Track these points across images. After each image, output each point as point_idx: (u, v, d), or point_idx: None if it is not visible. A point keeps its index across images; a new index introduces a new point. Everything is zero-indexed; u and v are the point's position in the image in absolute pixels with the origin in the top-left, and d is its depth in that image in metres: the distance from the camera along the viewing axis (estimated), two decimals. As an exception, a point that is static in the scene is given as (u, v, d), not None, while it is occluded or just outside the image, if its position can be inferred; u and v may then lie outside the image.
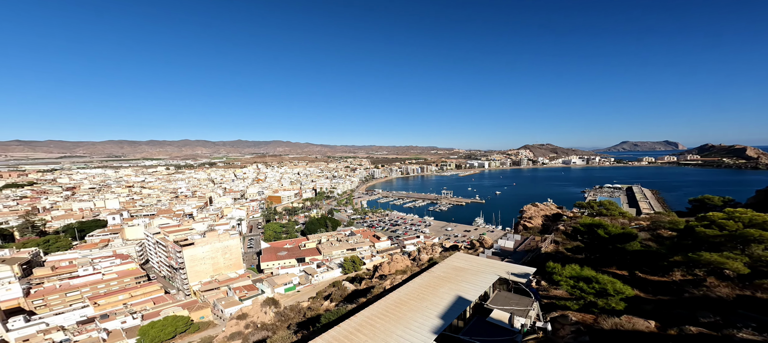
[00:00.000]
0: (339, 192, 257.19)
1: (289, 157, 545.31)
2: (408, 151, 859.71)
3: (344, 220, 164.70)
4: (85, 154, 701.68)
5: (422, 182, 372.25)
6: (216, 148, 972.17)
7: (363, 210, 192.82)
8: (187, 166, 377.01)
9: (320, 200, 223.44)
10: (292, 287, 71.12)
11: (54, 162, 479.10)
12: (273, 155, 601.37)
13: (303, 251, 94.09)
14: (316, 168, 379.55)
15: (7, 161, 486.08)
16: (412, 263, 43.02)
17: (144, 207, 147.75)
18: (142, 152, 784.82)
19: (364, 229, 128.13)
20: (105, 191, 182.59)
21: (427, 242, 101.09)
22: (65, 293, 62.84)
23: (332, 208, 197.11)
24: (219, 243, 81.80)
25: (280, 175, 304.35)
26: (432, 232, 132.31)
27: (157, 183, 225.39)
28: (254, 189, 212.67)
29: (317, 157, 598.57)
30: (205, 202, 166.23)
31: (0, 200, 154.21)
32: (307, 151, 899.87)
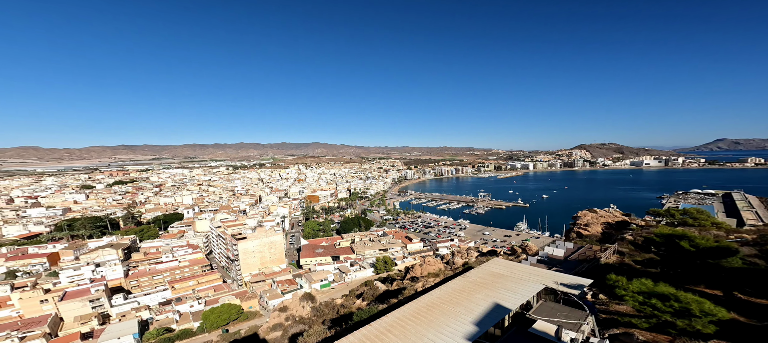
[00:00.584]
0: (372, 193, 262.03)
1: (326, 158, 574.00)
2: (442, 152, 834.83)
3: (377, 220, 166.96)
4: (168, 156, 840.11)
5: (457, 183, 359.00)
6: (265, 150, 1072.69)
7: (395, 211, 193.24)
8: (242, 167, 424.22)
9: (354, 200, 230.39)
10: (327, 283, 73.63)
11: (148, 163, 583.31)
12: (312, 157, 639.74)
13: (338, 250, 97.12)
14: (351, 169, 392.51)
15: (115, 163, 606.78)
16: (445, 266, 41.52)
17: (210, 203, 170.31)
18: (209, 154, 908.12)
19: (396, 230, 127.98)
20: (182, 189, 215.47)
21: (462, 246, 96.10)
22: (152, 276, 72.72)
23: (365, 208, 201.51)
24: (266, 238, 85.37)
25: (318, 175, 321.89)
26: (467, 235, 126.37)
27: (219, 182, 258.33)
28: (295, 188, 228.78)
29: (351, 158, 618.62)
30: (255, 200, 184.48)
31: (110, 194, 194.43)
32: (343, 152, 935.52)
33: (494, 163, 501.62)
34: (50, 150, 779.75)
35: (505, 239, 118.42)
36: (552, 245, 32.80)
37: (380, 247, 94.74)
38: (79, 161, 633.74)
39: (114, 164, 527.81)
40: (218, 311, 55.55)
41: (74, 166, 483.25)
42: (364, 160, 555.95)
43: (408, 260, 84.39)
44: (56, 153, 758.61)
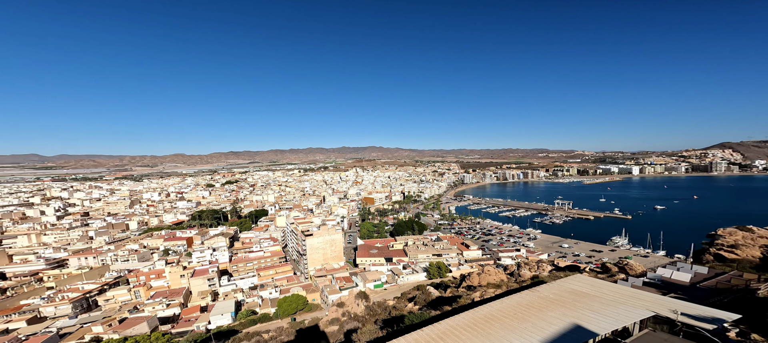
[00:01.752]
0: (426, 196, 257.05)
1: (381, 162, 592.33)
2: (506, 154, 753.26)
3: (431, 224, 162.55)
4: (260, 160, 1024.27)
5: (525, 189, 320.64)
6: (328, 155, 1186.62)
7: (451, 216, 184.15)
8: (310, 170, 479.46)
9: (408, 203, 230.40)
10: (380, 284, 75.08)
11: (245, 166, 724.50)
12: (368, 160, 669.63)
13: (391, 252, 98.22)
14: (405, 172, 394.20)
15: (226, 166, 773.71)
16: (508, 277, 37.35)
17: (286, 202, 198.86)
18: (286, 158, 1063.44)
19: (452, 235, 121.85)
20: (267, 189, 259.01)
21: (531, 257, 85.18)
22: (246, 263, 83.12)
23: (419, 212, 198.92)
24: (328, 236, 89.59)
25: (373, 178, 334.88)
26: (538, 247, 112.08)
27: (293, 183, 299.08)
28: (353, 190, 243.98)
29: (405, 161, 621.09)
30: (320, 200, 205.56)
31: (223, 192, 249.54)
32: (397, 155, 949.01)
33: (577, 167, 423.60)
34: (190, 156, 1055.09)
35: (594, 254, 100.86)
36: (670, 267, 26.20)
37: (434, 252, 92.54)
38: (206, 165, 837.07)
39: (225, 167, 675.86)
40: (289, 300, 60.79)
41: (203, 169, 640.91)
42: (418, 163, 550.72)
43: (464, 267, 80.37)
44: (193, 158, 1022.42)
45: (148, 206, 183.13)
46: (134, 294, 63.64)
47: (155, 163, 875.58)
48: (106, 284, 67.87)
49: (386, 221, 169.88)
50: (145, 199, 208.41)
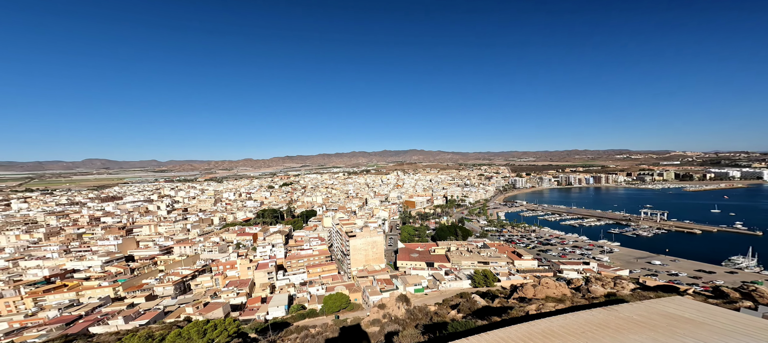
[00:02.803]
0: (470, 201, 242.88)
1: (422, 165, 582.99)
2: (569, 156, 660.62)
3: (476, 230, 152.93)
4: (310, 164, 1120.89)
5: (596, 195, 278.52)
6: (370, 158, 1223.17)
7: (499, 222, 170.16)
8: (353, 173, 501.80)
9: (450, 207, 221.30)
10: (421, 288, 73.65)
11: (298, 170, 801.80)
12: (409, 163, 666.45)
13: (432, 256, 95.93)
14: (447, 175, 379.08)
15: (283, 169, 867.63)
16: (573, 292, 32.92)
17: (332, 203, 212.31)
18: (332, 162, 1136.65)
19: (501, 243, 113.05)
20: (315, 191, 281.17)
21: (605, 273, 74.01)
22: (298, 260, 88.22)
23: (463, 217, 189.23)
24: (370, 238, 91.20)
25: (414, 181, 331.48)
26: (615, 261, 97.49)
27: (338, 185, 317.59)
28: (394, 194, 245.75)
29: (448, 164, 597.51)
30: (362, 202, 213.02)
31: (281, 193, 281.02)
32: (439, 158, 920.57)
33: (675, 170, 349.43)
34: (256, 160, 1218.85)
35: (701, 275, 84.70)
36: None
37: (480, 259, 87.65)
38: (268, 168, 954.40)
39: (282, 170, 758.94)
40: (334, 298, 63.08)
41: (265, 172, 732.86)
42: (462, 166, 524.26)
43: (515, 277, 74.55)
44: (258, 162, 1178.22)
45: (226, 204, 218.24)
46: (215, 282, 76.49)
47: (232, 166, 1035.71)
48: (197, 271, 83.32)
49: (427, 225, 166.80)
50: (225, 198, 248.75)
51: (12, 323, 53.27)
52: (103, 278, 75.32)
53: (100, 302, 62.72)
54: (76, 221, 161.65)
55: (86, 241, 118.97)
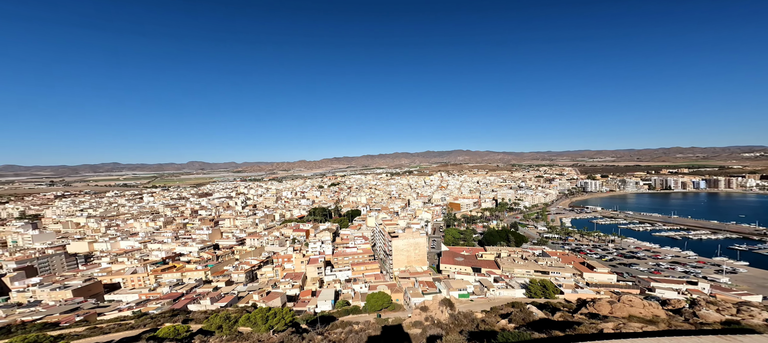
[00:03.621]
0: (526, 205, 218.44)
1: (468, 166, 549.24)
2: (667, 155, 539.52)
3: (533, 237, 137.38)
4: (355, 165, 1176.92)
5: (710, 202, 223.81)
6: (412, 159, 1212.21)
7: (564, 229, 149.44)
8: (396, 174, 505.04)
9: (501, 211, 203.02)
10: (465, 294, 70.43)
11: (344, 170, 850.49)
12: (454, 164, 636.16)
13: (479, 261, 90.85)
14: (498, 177, 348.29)
15: (331, 170, 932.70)
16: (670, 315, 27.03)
17: (375, 204, 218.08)
18: (375, 163, 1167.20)
19: (566, 252, 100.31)
20: (360, 191, 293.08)
21: (724, 296, 60.86)
22: (343, 257, 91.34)
23: (516, 221, 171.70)
24: (412, 239, 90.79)
25: (459, 183, 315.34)
26: (739, 284, 79.56)
27: (381, 186, 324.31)
28: (438, 195, 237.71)
29: (499, 165, 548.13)
30: (405, 203, 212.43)
31: (329, 192, 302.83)
32: (488, 159, 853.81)
33: None
34: (309, 162, 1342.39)
35: None
36: None
37: (537, 268, 79.80)
38: (318, 169, 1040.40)
39: (330, 171, 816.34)
40: (376, 297, 64.15)
41: (316, 173, 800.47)
42: (515, 167, 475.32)
43: (584, 291, 66.06)
44: (311, 164, 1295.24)
45: (285, 202, 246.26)
46: (275, 273, 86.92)
47: (289, 167, 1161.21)
48: (262, 262, 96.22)
49: (474, 229, 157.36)
50: (284, 196, 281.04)
51: (141, 295, 71.03)
52: (198, 263, 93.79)
53: (196, 283, 78.35)
54: (182, 212, 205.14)
55: (188, 230, 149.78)
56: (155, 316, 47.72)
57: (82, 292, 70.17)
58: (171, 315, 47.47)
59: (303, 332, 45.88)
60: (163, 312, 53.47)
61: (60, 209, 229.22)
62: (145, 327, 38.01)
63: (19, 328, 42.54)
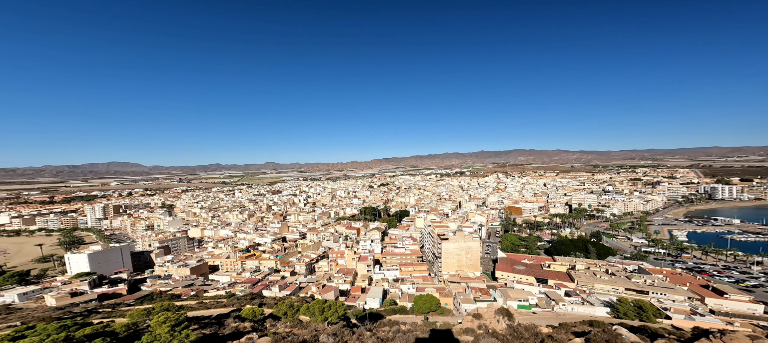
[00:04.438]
0: (614, 212, 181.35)
1: (532, 167, 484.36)
2: None
3: (623, 250, 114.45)
4: (403, 165, 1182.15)
5: None
6: (464, 159, 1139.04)
7: (675, 244, 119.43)
8: (446, 175, 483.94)
9: (577, 218, 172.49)
10: (526, 305, 63.97)
11: (393, 171, 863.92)
12: (513, 165, 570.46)
13: (545, 272, 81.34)
14: (573, 179, 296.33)
15: (380, 171, 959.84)
16: None
17: (424, 205, 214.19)
18: (425, 164, 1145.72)
19: (677, 271, 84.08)
20: (408, 192, 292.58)
21: None
22: (391, 257, 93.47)
23: (599, 231, 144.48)
24: (464, 243, 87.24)
25: (520, 185, 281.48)
26: None
27: (430, 187, 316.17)
28: (494, 198, 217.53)
29: (573, 166, 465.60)
30: (456, 205, 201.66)
31: (379, 192, 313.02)
32: (558, 159, 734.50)
33: None
34: (360, 162, 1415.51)
35: None
36: None
37: (630, 286, 68.29)
38: (368, 170, 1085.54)
39: (379, 172, 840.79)
40: (424, 299, 63.27)
41: (367, 173, 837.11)
42: (598, 168, 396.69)
43: (706, 319, 53.41)
44: (361, 164, 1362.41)
45: (339, 201, 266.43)
46: (330, 267, 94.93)
47: (343, 168, 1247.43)
48: (319, 256, 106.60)
49: (539, 236, 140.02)
50: (338, 195, 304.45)
51: (232, 277, 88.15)
52: (270, 253, 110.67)
53: (269, 271, 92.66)
54: (260, 207, 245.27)
55: (264, 222, 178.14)
56: (240, 297, 58.46)
57: (195, 270, 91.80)
58: (250, 298, 57.36)
59: (353, 326, 48.67)
60: (245, 295, 65.20)
61: (184, 201, 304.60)
62: (233, 307, 46.89)
63: (157, 296, 58.86)
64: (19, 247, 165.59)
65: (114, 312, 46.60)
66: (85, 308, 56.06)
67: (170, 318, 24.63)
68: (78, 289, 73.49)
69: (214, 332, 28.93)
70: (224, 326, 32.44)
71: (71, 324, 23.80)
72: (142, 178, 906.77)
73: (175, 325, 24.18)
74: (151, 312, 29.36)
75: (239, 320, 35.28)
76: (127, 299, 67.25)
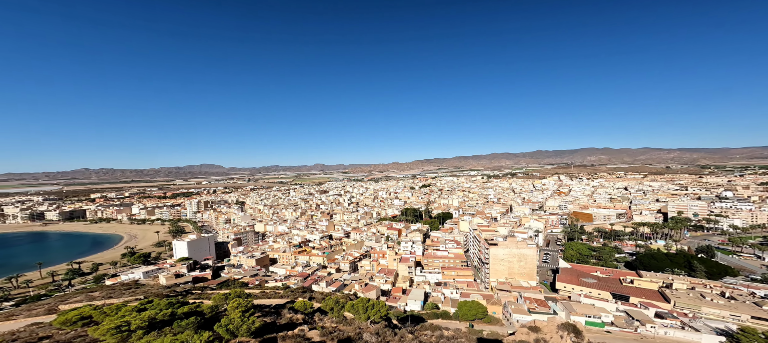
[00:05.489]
0: (735, 224, 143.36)
1: (606, 168, 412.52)
2: None
3: (752, 270, 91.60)
4: (446, 166, 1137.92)
5: None
6: (516, 160, 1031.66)
7: None
8: (494, 176, 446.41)
9: (676, 228, 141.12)
10: (598, 323, 56.53)
11: (435, 172, 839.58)
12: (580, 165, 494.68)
13: (626, 288, 71.17)
14: (669, 183, 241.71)
15: (421, 172, 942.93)
16: None
17: (469, 207, 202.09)
18: (469, 165, 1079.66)
19: None
20: (451, 194, 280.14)
21: None
22: (433, 260, 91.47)
23: (709, 245, 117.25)
24: (516, 250, 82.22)
25: (590, 188, 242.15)
26: None
27: (476, 189, 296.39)
28: (554, 202, 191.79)
29: (669, 166, 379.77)
30: (506, 209, 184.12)
31: (421, 194, 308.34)
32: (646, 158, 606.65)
33: None
34: (401, 163, 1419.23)
35: None
36: None
37: (759, 314, 56.67)
38: (410, 171, 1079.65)
39: (421, 173, 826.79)
40: (469, 306, 59.60)
41: (408, 174, 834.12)
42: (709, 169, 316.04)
43: None
44: (402, 165, 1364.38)
45: (380, 201, 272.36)
46: (372, 266, 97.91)
47: (384, 169, 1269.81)
48: (362, 255, 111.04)
49: (618, 247, 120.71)
50: (379, 196, 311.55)
51: (287, 270, 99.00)
52: (319, 249, 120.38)
53: (317, 266, 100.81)
54: (310, 206, 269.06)
55: (314, 220, 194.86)
56: (294, 290, 65.24)
57: (259, 261, 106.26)
58: (302, 291, 63.48)
59: (395, 327, 49.16)
60: (298, 288, 72.48)
61: (252, 199, 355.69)
62: (288, 298, 52.60)
63: (232, 283, 70.26)
64: (144, 233, 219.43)
65: (202, 294, 57.57)
66: (184, 288, 71.06)
67: (241, 304, 29.23)
68: (180, 271, 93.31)
69: (273, 321, 33.05)
70: (280, 316, 36.73)
71: (175, 302, 30.63)
72: (222, 178, 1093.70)
73: (245, 311, 28.58)
74: (228, 297, 35.44)
75: (293, 311, 39.38)
76: (210, 283, 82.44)
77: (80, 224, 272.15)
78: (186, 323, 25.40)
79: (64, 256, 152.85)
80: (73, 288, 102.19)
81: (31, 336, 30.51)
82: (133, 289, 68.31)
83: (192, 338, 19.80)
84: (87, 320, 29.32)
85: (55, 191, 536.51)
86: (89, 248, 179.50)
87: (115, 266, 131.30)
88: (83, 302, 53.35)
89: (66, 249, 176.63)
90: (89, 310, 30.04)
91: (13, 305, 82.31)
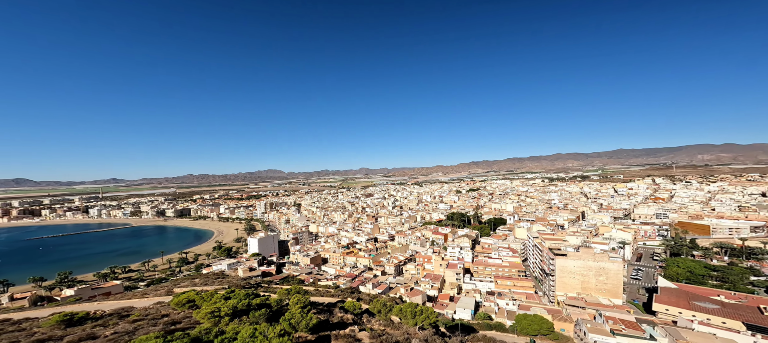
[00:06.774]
0: None
1: (728, 168, 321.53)
2: None
3: None
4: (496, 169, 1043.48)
5: None
6: (589, 161, 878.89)
7: None
8: (559, 179, 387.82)
9: None
10: None
11: (484, 175, 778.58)
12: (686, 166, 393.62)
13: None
14: None
15: (469, 175, 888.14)
16: None
17: (526, 213, 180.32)
18: (525, 167, 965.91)
19: None
20: (505, 198, 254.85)
21: None
22: (485, 267, 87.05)
23: None
24: (593, 262, 73.61)
25: (705, 194, 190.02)
26: None
27: (535, 193, 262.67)
28: (648, 210, 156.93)
29: None
30: (576, 216, 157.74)
31: (468, 198, 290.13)
32: None
33: None
34: (446, 166, 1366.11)
35: None
36: None
37: None
38: (455, 174, 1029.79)
39: (468, 176, 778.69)
40: (530, 319, 55.13)
41: (453, 178, 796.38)
42: None
43: None
44: (447, 168, 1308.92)
45: (425, 205, 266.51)
46: (417, 271, 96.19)
47: (428, 172, 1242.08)
48: (407, 259, 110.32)
49: (754, 268, 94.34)
50: (424, 199, 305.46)
51: (337, 270, 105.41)
52: (365, 251, 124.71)
53: (363, 268, 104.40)
54: (357, 208, 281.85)
55: (360, 223, 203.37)
56: (343, 290, 68.93)
57: (313, 260, 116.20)
58: (350, 292, 66.59)
59: (443, 335, 46.98)
60: (346, 288, 76.35)
61: (307, 201, 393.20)
62: (338, 298, 55.85)
63: (291, 279, 78.50)
64: (227, 229, 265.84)
65: (269, 288, 66.08)
66: (256, 281, 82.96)
67: (301, 301, 32.46)
68: (252, 265, 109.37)
69: (326, 318, 35.54)
70: (332, 315, 39.20)
71: (251, 293, 36.12)
72: (282, 181, 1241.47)
73: (303, 307, 31.61)
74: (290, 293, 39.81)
75: (343, 311, 41.57)
76: (274, 278, 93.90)
77: (187, 220, 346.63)
78: (259, 315, 29.60)
79: (177, 246, 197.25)
80: (181, 274, 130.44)
81: (157, 313, 40.29)
82: (220, 278, 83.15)
83: (268, 329, 22.84)
84: (192, 303, 37.06)
85: (171, 193, 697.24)
86: (192, 240, 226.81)
87: (208, 257, 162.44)
88: (188, 286, 67.55)
89: (177, 241, 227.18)
90: (193, 295, 37.94)
91: (145, 285, 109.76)
